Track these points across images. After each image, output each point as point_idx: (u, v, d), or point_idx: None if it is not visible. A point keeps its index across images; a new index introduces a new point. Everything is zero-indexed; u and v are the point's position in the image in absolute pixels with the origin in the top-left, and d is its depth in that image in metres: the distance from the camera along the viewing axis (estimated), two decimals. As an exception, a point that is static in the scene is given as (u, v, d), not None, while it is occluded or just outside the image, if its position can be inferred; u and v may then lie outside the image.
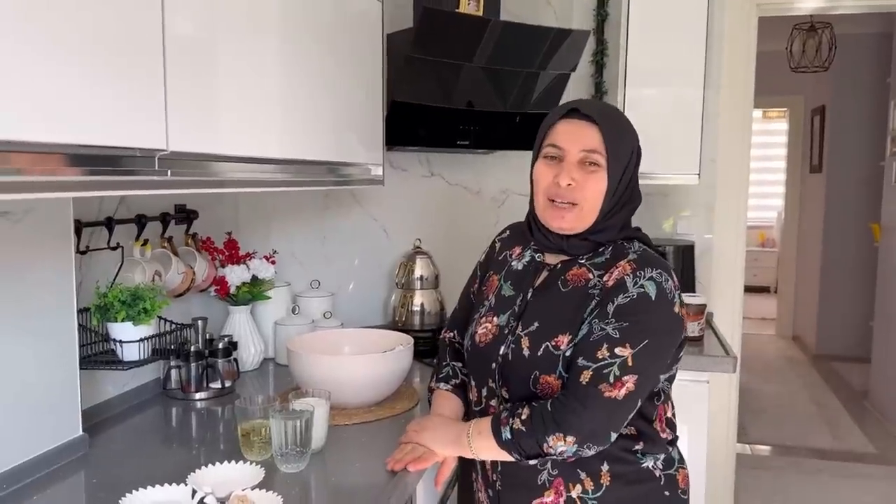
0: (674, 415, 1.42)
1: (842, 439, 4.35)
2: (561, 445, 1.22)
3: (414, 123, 2.31)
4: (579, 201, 1.29)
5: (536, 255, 1.41)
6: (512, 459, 1.28)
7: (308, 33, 1.66)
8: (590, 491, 1.30)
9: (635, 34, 2.40)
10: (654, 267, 1.27)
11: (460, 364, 1.53)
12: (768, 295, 8.23)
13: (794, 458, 4.04)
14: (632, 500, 1.32)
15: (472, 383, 1.44)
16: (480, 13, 2.29)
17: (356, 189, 2.56)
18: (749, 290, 3.36)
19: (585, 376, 1.22)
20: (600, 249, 1.34)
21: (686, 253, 2.53)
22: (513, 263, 1.44)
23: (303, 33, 1.64)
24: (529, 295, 1.37)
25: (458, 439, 1.33)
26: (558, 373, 1.27)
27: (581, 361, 1.24)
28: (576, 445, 1.22)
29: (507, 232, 1.54)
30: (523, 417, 1.25)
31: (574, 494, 1.30)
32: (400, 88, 2.19)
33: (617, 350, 1.22)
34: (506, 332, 1.36)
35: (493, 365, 1.35)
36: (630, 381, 1.21)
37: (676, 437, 1.42)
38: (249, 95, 1.43)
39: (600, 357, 1.22)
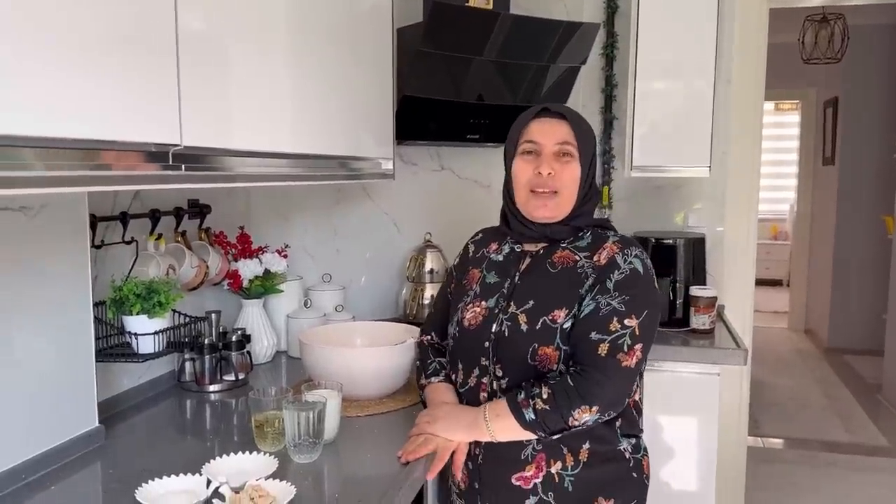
0: (641, 399, 1.49)
1: (854, 433, 4.33)
2: (587, 416, 1.31)
3: (424, 117, 2.32)
4: (559, 189, 1.41)
5: (515, 246, 1.51)
6: (530, 437, 1.34)
7: (319, 28, 1.67)
8: (569, 467, 1.38)
9: (645, 26, 2.39)
10: (635, 246, 1.42)
11: (444, 360, 1.59)
12: (781, 288, 8.19)
13: (806, 452, 4.03)
14: (603, 476, 1.41)
15: (460, 366, 1.49)
16: (490, 7, 2.30)
17: (367, 183, 2.57)
18: (761, 283, 3.35)
19: (603, 349, 1.32)
20: (580, 234, 1.46)
21: (697, 245, 2.52)
22: (492, 256, 1.54)
23: (314, 28, 1.65)
24: (517, 279, 1.46)
25: (474, 423, 1.38)
26: (556, 344, 1.36)
27: (595, 335, 1.33)
28: (598, 414, 1.31)
29: (480, 234, 1.64)
30: (545, 396, 1.31)
31: (553, 470, 1.38)
32: (410, 83, 2.20)
33: (626, 321, 1.33)
34: (496, 311, 1.44)
35: (486, 343, 1.43)
36: (638, 350, 1.33)
37: (641, 429, 1.50)
38: (261, 90, 1.44)
39: (612, 329, 1.32)
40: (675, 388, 2.24)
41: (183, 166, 1.16)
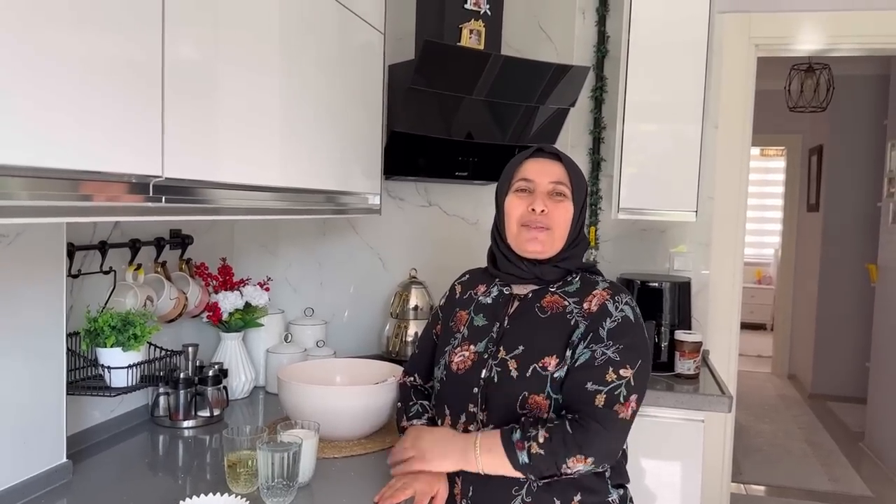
0: (626, 447, 1.46)
1: (837, 481, 4.30)
2: (580, 466, 1.29)
3: (413, 153, 2.32)
4: (552, 226, 1.42)
5: (504, 289, 1.50)
6: (516, 475, 1.31)
7: (310, 63, 1.67)
8: None
9: (634, 70, 2.41)
10: (625, 293, 1.41)
11: (427, 402, 1.56)
12: (764, 332, 8.20)
13: (789, 500, 3.99)
14: None
15: (447, 412, 1.46)
16: (481, 47, 2.31)
17: (353, 217, 2.55)
18: (745, 326, 3.35)
19: (600, 400, 1.30)
20: (568, 279, 1.45)
21: (682, 289, 2.51)
22: (480, 299, 1.52)
23: (304, 63, 1.64)
24: (506, 322, 1.44)
25: (464, 453, 1.34)
26: (546, 392, 1.34)
27: (591, 386, 1.31)
28: (592, 465, 1.29)
29: (467, 276, 1.63)
30: (541, 440, 1.28)
31: None
32: (399, 119, 2.20)
33: (621, 371, 1.31)
34: (485, 356, 1.42)
35: (475, 389, 1.40)
36: (633, 401, 1.32)
37: (628, 479, 1.47)
38: (249, 124, 1.43)
39: (609, 380, 1.31)
40: (659, 434, 2.21)
41: (164, 198, 1.14)
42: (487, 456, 1.31)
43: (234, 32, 1.35)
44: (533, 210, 1.41)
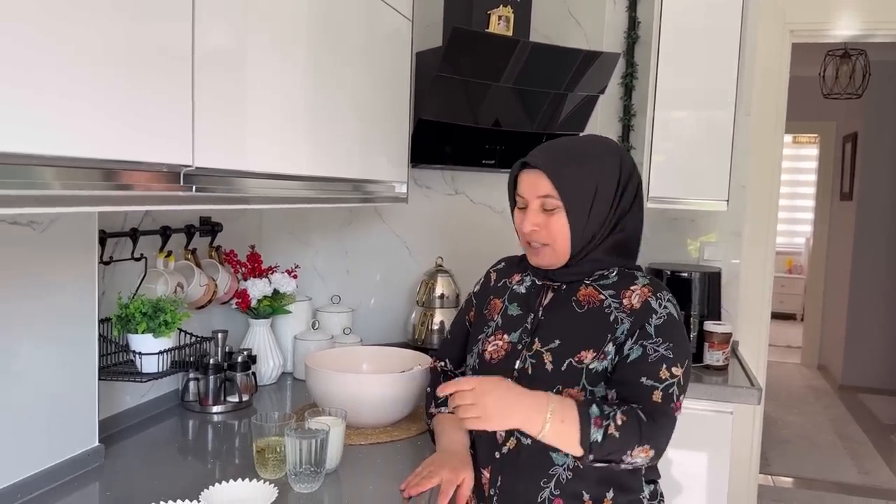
0: None
1: (868, 474, 4.24)
2: (641, 458, 1.26)
3: (440, 142, 2.31)
4: (549, 241, 1.36)
5: (537, 279, 1.46)
6: (574, 452, 1.24)
7: (337, 50, 1.66)
8: None
9: (666, 57, 2.37)
10: (665, 290, 1.37)
11: None
12: (794, 322, 8.09)
13: (817, 492, 3.94)
14: None
15: None
16: (510, 33, 2.29)
17: (380, 205, 2.55)
18: (775, 316, 3.30)
19: (657, 396, 1.28)
20: (604, 272, 1.39)
21: (713, 279, 2.48)
22: (515, 287, 1.49)
23: (332, 50, 1.64)
24: (540, 314, 1.41)
25: (533, 414, 1.23)
26: (582, 385, 1.31)
27: (647, 381, 1.28)
28: (650, 459, 1.28)
29: (502, 263, 1.59)
30: (619, 422, 1.23)
31: None
32: (426, 106, 2.19)
33: (674, 370, 1.30)
34: (519, 347, 1.39)
35: (509, 380, 1.34)
36: (682, 399, 1.31)
37: (659, 474, 1.45)
38: (277, 112, 1.43)
39: (663, 377, 1.29)
40: (687, 425, 2.16)
41: (194, 187, 1.14)
42: (558, 425, 1.22)
43: (262, 21, 1.34)
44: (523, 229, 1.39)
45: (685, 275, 2.45)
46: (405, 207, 2.43)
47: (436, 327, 2.43)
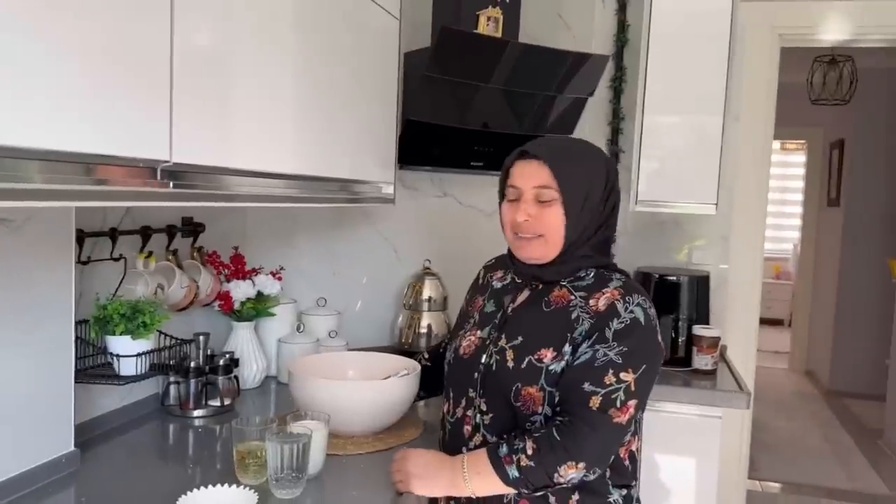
0: (638, 450, 1.42)
1: (855, 479, 4.24)
2: (573, 473, 1.24)
3: (428, 143, 2.29)
4: (543, 232, 1.36)
5: (517, 277, 1.47)
6: (507, 492, 1.30)
7: (324, 49, 1.64)
8: None
9: (655, 60, 2.36)
10: (639, 294, 1.34)
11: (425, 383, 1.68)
12: (782, 328, 8.11)
13: (804, 497, 3.94)
14: None
15: (451, 395, 1.46)
16: (499, 34, 2.27)
17: (366, 207, 2.52)
18: (763, 322, 3.29)
19: (595, 402, 1.25)
20: (581, 274, 1.38)
21: (701, 283, 2.47)
22: (494, 284, 1.52)
23: (319, 49, 1.61)
24: (509, 310, 1.42)
25: (453, 482, 1.32)
26: (540, 385, 1.31)
27: (588, 386, 1.26)
28: (584, 471, 1.25)
29: (493, 261, 1.62)
30: (529, 452, 1.25)
31: None
32: (414, 107, 2.16)
33: (622, 375, 1.26)
34: (487, 342, 1.41)
35: (476, 374, 1.40)
36: (632, 406, 1.27)
37: (637, 478, 1.43)
38: (262, 109, 1.40)
39: (608, 382, 1.25)
40: (675, 430, 2.17)
41: (171, 183, 1.11)
42: (477, 478, 1.29)
43: (246, 17, 1.32)
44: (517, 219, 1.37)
45: (673, 279, 2.44)
46: (392, 209, 2.40)
47: (423, 330, 2.40)
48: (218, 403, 1.84)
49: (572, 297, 1.36)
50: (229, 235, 2.24)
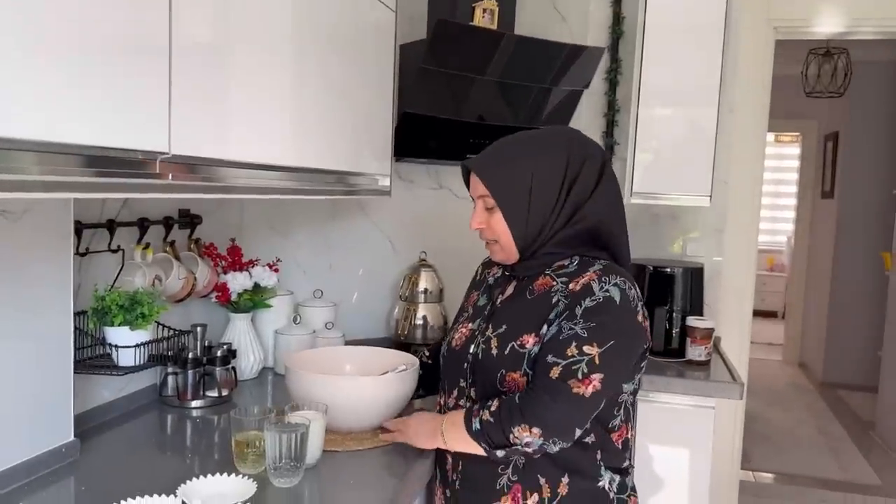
0: (632, 437, 1.45)
1: (847, 470, 4.28)
2: (527, 437, 1.28)
3: (423, 135, 2.29)
4: (496, 238, 1.42)
5: (507, 270, 1.50)
6: (482, 452, 1.34)
7: (321, 41, 1.64)
8: (545, 500, 1.35)
9: (650, 53, 2.37)
10: (618, 275, 1.35)
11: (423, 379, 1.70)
12: (776, 320, 8.16)
13: (797, 487, 3.98)
14: None
15: (445, 386, 1.51)
16: (495, 27, 2.27)
17: (363, 199, 2.53)
18: (756, 314, 3.31)
19: (555, 372, 1.29)
20: (564, 262, 1.40)
21: (695, 275, 2.48)
22: (489, 280, 1.57)
23: (316, 41, 1.62)
24: (498, 302, 1.47)
25: (433, 432, 1.43)
26: (523, 370, 1.35)
27: (550, 358, 1.30)
28: (541, 438, 1.28)
29: (488, 257, 1.64)
30: (492, 409, 1.32)
31: (530, 502, 1.35)
32: (410, 100, 2.17)
33: (585, 348, 1.28)
34: (476, 333, 1.46)
35: (465, 365, 1.45)
36: (596, 380, 1.28)
37: (632, 466, 1.45)
38: (259, 101, 1.41)
39: (569, 354, 1.28)
40: (669, 420, 2.19)
41: (170, 175, 1.12)
42: (451, 430, 1.38)
43: (244, 10, 1.32)
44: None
45: (668, 270, 2.45)
46: (388, 201, 2.41)
47: (419, 322, 2.41)
48: (215, 394, 1.85)
49: (554, 283, 1.39)
50: (226, 227, 2.25)
